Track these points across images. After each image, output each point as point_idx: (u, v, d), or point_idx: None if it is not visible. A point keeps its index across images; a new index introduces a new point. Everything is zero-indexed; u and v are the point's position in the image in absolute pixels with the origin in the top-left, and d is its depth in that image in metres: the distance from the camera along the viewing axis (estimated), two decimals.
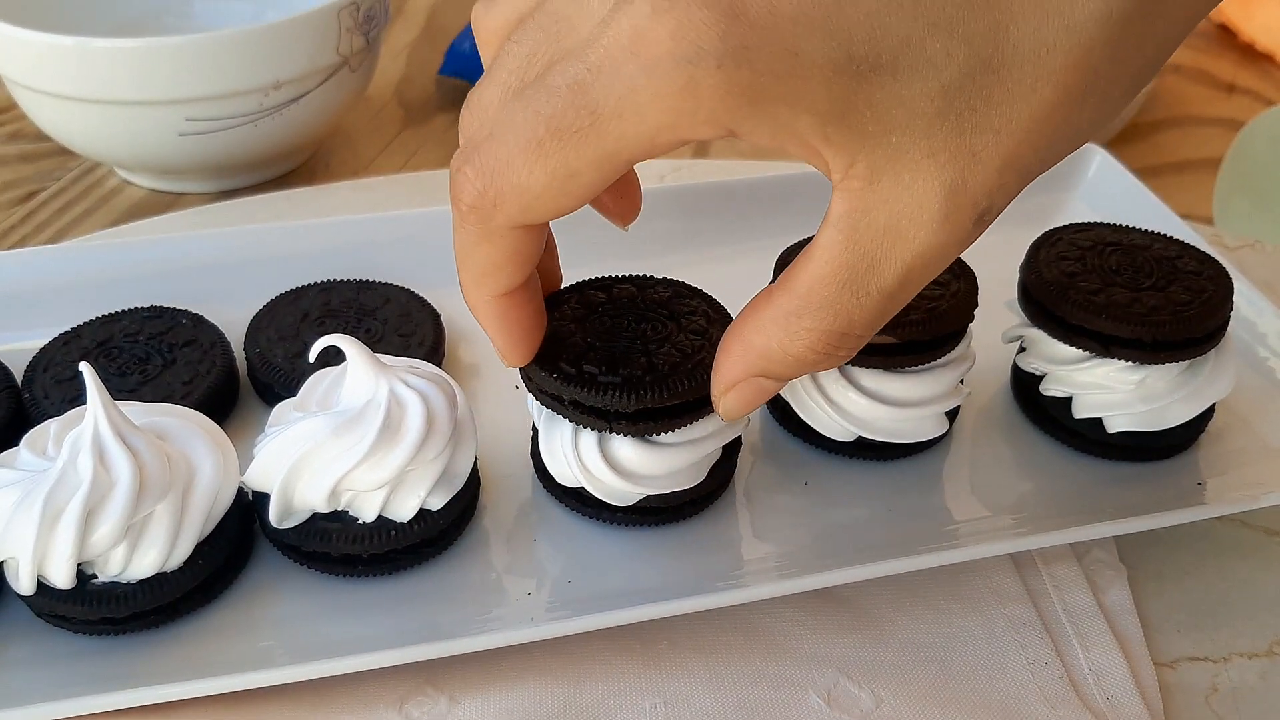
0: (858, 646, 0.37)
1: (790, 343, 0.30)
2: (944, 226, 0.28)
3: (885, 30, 0.27)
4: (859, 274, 0.29)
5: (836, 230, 0.29)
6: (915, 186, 0.28)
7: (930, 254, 0.28)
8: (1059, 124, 0.28)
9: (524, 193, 0.29)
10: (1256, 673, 0.37)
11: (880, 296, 0.29)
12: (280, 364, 0.43)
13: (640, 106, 0.27)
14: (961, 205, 0.28)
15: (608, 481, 0.38)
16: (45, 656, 0.35)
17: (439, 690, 0.36)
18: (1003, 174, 0.28)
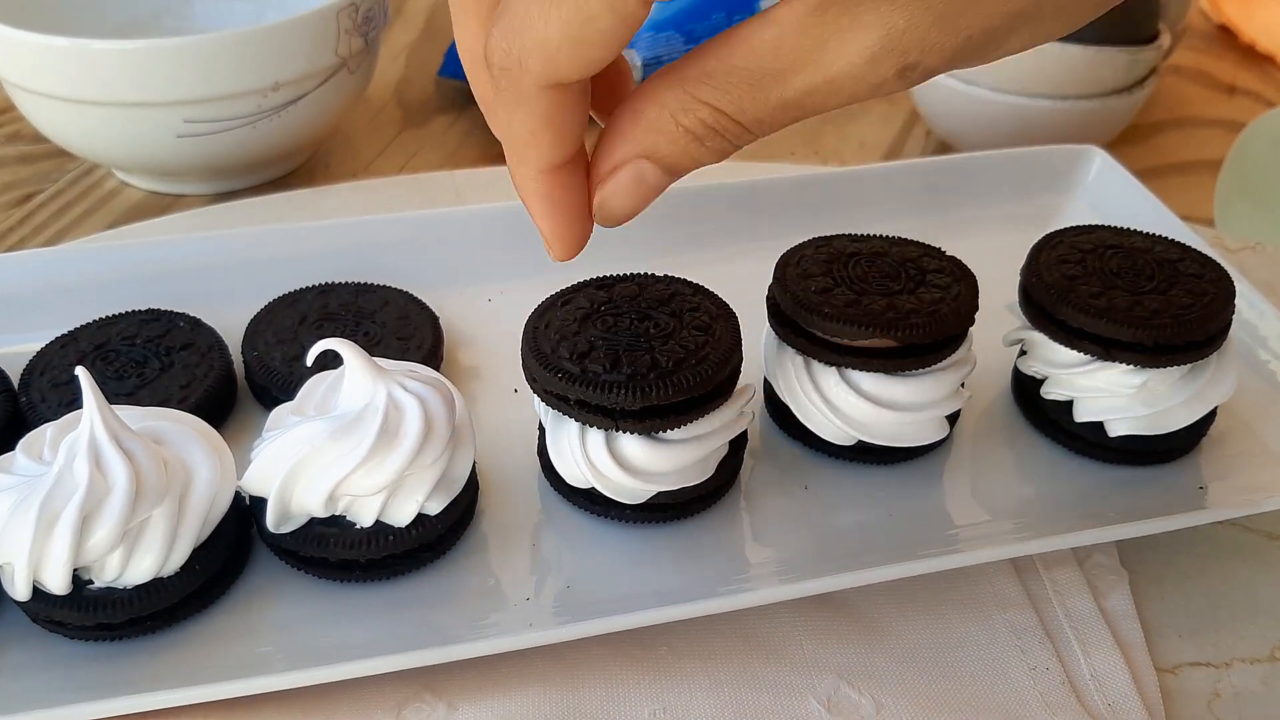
0: (858, 652, 0.37)
1: (682, 112, 0.30)
2: (867, 65, 0.28)
3: None
4: (770, 76, 0.29)
5: (766, 30, 0.29)
6: (858, 19, 0.28)
7: (841, 85, 0.28)
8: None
9: (544, 45, 0.28)
10: (1258, 678, 0.37)
11: (778, 103, 0.29)
12: (278, 367, 0.43)
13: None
14: (892, 49, 0.28)
15: (617, 480, 0.37)
16: (41, 662, 0.35)
17: (437, 696, 0.36)
18: (940, 31, 0.27)
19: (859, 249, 0.43)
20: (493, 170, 0.63)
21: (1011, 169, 0.57)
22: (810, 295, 0.40)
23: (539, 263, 0.51)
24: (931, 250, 0.43)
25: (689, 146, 0.31)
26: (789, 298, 0.41)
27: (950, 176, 0.56)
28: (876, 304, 0.40)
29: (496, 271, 0.51)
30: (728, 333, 0.38)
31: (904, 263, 0.42)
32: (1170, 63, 0.81)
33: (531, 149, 0.32)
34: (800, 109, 0.29)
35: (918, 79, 0.28)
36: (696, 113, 0.30)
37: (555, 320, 0.38)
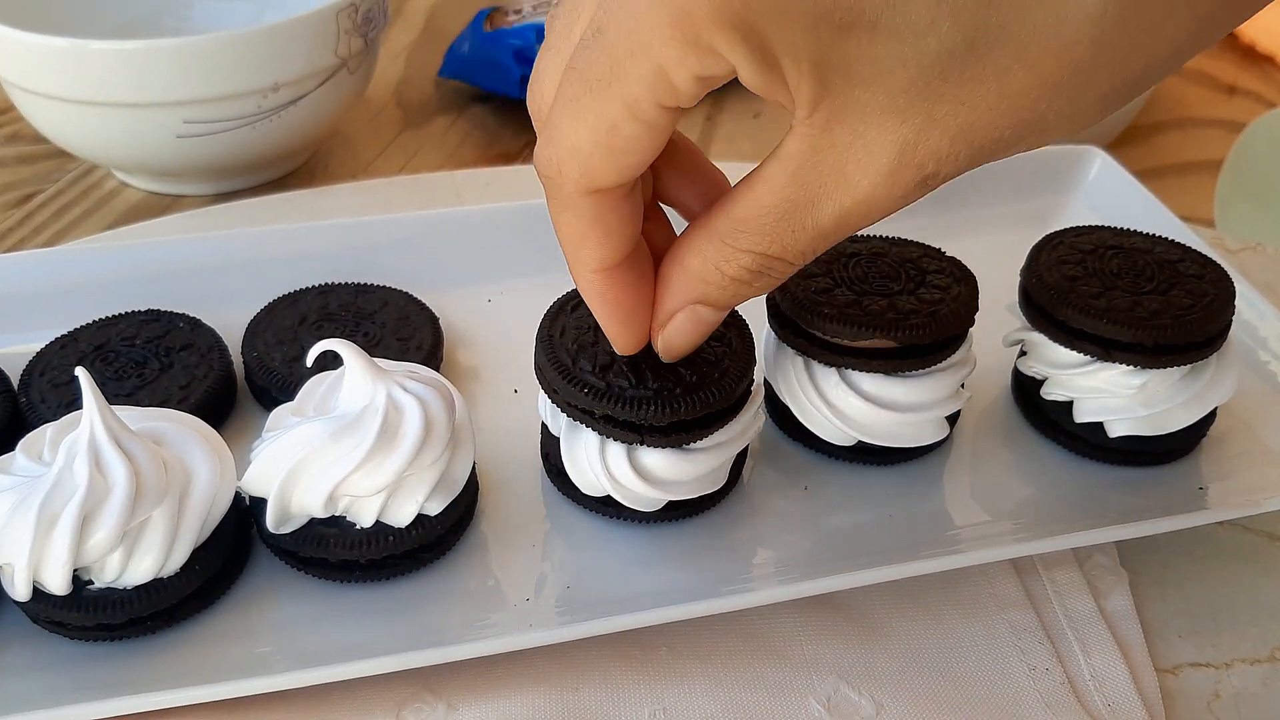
0: (858, 652, 0.37)
1: (725, 263, 0.32)
2: (888, 180, 0.29)
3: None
4: (799, 207, 0.30)
5: (784, 165, 0.30)
6: (869, 137, 0.28)
7: (869, 203, 0.30)
8: (1025, 109, 0.28)
9: (577, 153, 0.30)
10: (1259, 679, 0.37)
11: (815, 231, 0.30)
12: (278, 368, 0.43)
13: (647, 41, 0.28)
14: (909, 164, 0.29)
15: (637, 490, 0.38)
16: (41, 662, 0.35)
17: (437, 697, 0.36)
18: (955, 143, 0.28)
19: (859, 249, 0.43)
20: (492, 170, 0.63)
21: (1011, 169, 0.56)
22: (810, 296, 0.40)
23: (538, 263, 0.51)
24: (931, 251, 0.43)
25: (738, 290, 0.33)
26: (789, 298, 0.41)
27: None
28: (876, 304, 0.40)
29: (496, 272, 0.51)
30: (743, 342, 0.38)
31: (904, 263, 0.42)
32: None
33: (583, 250, 0.33)
34: (837, 232, 0.31)
35: (939, 184, 0.30)
36: (739, 261, 0.32)
37: (569, 327, 0.38)
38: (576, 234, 0.32)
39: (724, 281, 0.32)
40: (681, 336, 0.35)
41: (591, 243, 0.33)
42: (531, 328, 0.39)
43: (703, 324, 0.35)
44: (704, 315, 0.34)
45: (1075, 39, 0.27)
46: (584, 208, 0.32)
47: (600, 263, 0.33)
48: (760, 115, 0.76)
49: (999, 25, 0.27)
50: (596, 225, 0.32)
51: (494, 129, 0.72)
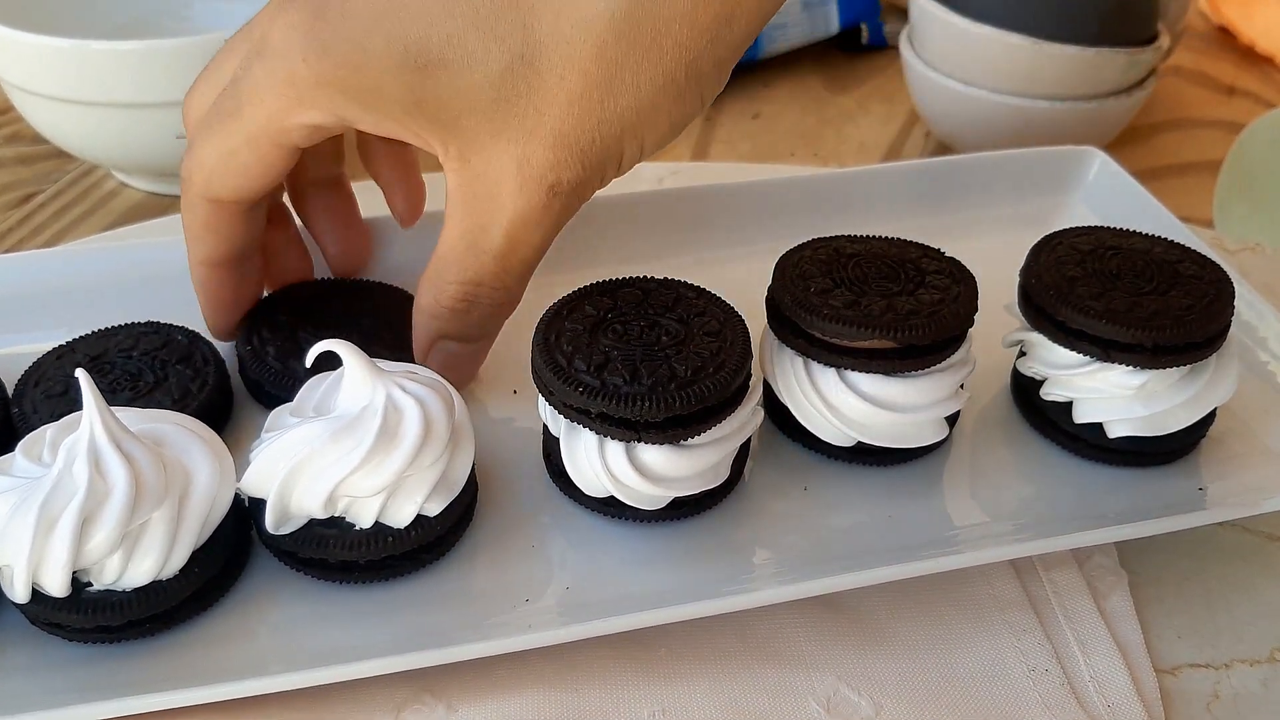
0: (857, 653, 0.37)
1: (440, 297, 0.37)
2: (521, 195, 0.34)
3: (433, 28, 0.32)
4: (476, 237, 0.35)
5: (453, 204, 0.35)
6: (494, 162, 0.34)
7: (522, 219, 0.35)
8: (594, 106, 0.33)
9: (203, 167, 0.37)
10: (1258, 679, 0.37)
11: (495, 256, 0.36)
12: (271, 362, 0.43)
13: (263, 94, 0.34)
14: (530, 177, 0.34)
15: (638, 488, 0.37)
16: (40, 664, 0.35)
17: (436, 698, 0.36)
18: (557, 150, 0.33)
19: (858, 250, 0.43)
20: None
21: (1011, 170, 0.57)
22: (809, 296, 0.40)
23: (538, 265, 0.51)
24: (931, 251, 0.43)
25: (463, 318, 0.38)
26: (788, 299, 0.41)
27: (949, 177, 0.56)
28: (876, 305, 0.40)
29: None
30: (738, 337, 0.39)
31: (903, 264, 0.42)
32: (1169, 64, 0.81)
33: (195, 244, 0.40)
34: (513, 252, 0.36)
35: (572, 194, 0.35)
36: (448, 293, 0.37)
37: (565, 330, 0.38)
38: (193, 230, 0.39)
39: (446, 314, 0.38)
40: (441, 369, 0.39)
41: (204, 241, 0.39)
42: (531, 328, 0.39)
43: (455, 357, 0.40)
44: (453, 348, 0.39)
45: (603, 39, 0.32)
46: (201, 210, 0.38)
47: (207, 257, 0.40)
48: (759, 116, 0.76)
49: (538, 40, 0.32)
50: (209, 228, 0.39)
51: None
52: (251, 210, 0.39)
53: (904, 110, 0.77)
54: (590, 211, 0.52)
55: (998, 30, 0.63)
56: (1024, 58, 0.63)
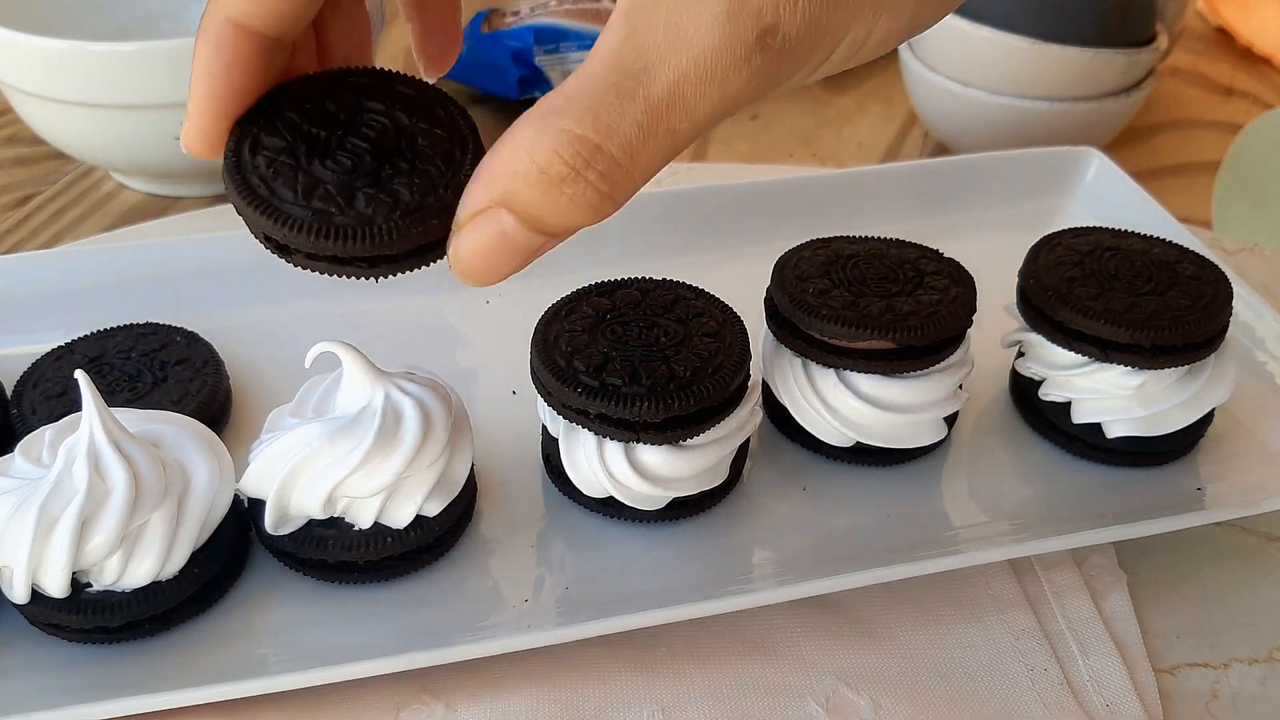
0: (856, 654, 0.37)
1: (536, 145, 0.26)
2: (723, 30, 0.25)
3: None
4: (631, 75, 0.26)
5: (616, 28, 0.26)
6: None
7: (708, 62, 0.25)
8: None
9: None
10: (1256, 679, 0.37)
11: (646, 107, 0.26)
12: (257, 182, 0.39)
13: None
14: (747, 6, 0.25)
15: (637, 489, 0.38)
16: (39, 665, 0.35)
17: (435, 698, 0.36)
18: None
19: (857, 251, 0.43)
20: None
21: (1009, 171, 0.57)
22: (808, 297, 0.40)
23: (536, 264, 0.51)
24: (929, 252, 0.43)
25: (549, 192, 0.26)
26: (787, 299, 0.41)
27: (948, 178, 0.56)
28: (874, 306, 0.40)
29: None
30: (737, 338, 0.39)
31: (902, 264, 0.42)
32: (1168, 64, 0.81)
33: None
34: (671, 107, 0.26)
35: (781, 56, 0.26)
36: (552, 142, 0.26)
37: (564, 331, 0.38)
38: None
39: (532, 172, 0.26)
40: (478, 249, 0.28)
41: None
42: (530, 329, 0.39)
43: (505, 239, 0.27)
44: (507, 226, 0.27)
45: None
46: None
47: (240, 10, 0.28)
48: (758, 117, 0.76)
49: None
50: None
51: (492, 130, 0.72)
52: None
53: (902, 111, 0.77)
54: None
55: (996, 31, 0.63)
56: (1022, 59, 0.63)
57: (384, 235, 0.27)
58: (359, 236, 0.27)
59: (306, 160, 0.28)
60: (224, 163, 0.29)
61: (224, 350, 0.45)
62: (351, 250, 0.28)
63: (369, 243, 0.27)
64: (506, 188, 0.27)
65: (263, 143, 0.29)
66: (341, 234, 0.27)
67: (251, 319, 0.47)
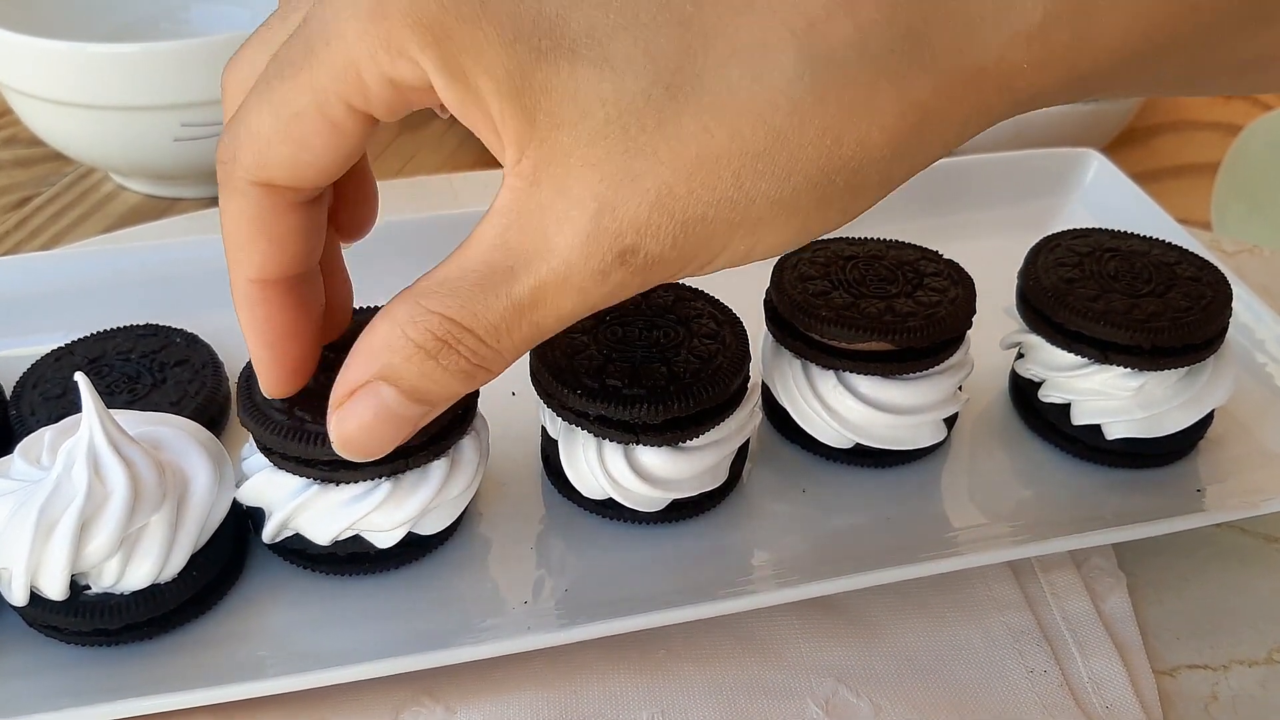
0: (856, 655, 0.37)
1: (411, 324, 0.28)
2: (584, 247, 0.26)
3: (577, 10, 0.25)
4: (499, 272, 0.27)
5: (493, 223, 0.27)
6: (571, 194, 0.26)
7: (567, 274, 0.27)
8: (728, 182, 0.26)
9: (256, 138, 0.28)
10: (1256, 680, 0.37)
11: (509, 305, 0.27)
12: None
13: (343, 32, 0.26)
14: (606, 229, 0.26)
15: (637, 491, 0.38)
16: (38, 667, 0.35)
17: (435, 700, 0.36)
18: (654, 211, 0.26)
19: (856, 252, 0.43)
20: (490, 173, 0.63)
21: (1009, 172, 0.57)
22: (807, 298, 0.40)
23: None
24: (929, 253, 0.43)
25: (424, 365, 0.28)
26: (786, 301, 0.41)
27: (947, 179, 0.56)
28: (874, 307, 0.40)
29: None
30: (736, 340, 0.39)
31: (901, 266, 0.42)
32: None
33: (243, 251, 0.30)
34: (534, 309, 0.27)
35: (644, 271, 0.27)
36: (424, 323, 0.28)
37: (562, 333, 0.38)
38: (238, 233, 0.30)
39: (408, 348, 0.28)
40: (357, 420, 0.29)
41: (253, 246, 0.30)
42: None
43: (385, 410, 0.29)
44: (387, 399, 0.29)
45: (773, 101, 0.25)
46: (250, 202, 0.29)
47: (259, 270, 0.30)
48: None
49: (696, 75, 0.25)
50: (260, 227, 0.30)
51: None
52: (310, 207, 0.31)
53: None
54: None
55: None
56: None
57: None
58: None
59: None
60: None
61: (224, 352, 0.45)
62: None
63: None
64: (385, 362, 0.28)
65: None
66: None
67: None
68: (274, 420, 0.34)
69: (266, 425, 0.34)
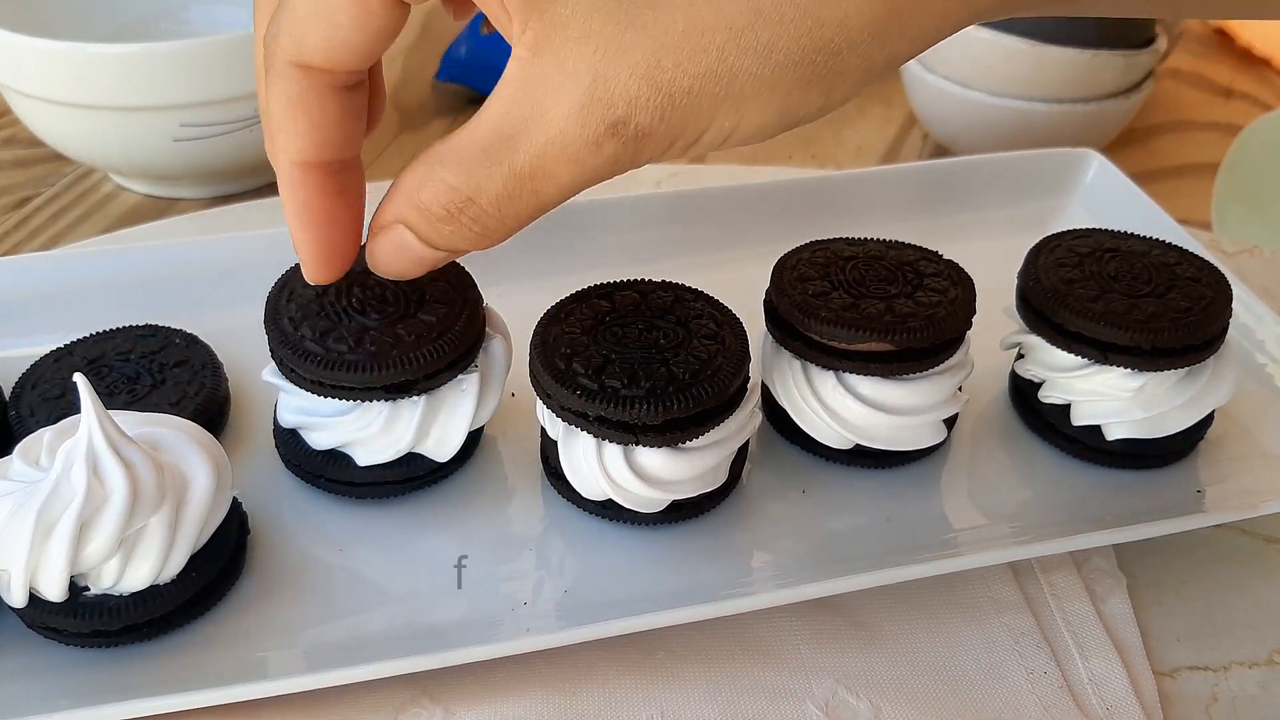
0: (856, 656, 0.37)
1: (422, 187, 0.30)
2: (578, 117, 0.28)
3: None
4: (502, 140, 0.29)
5: (497, 95, 0.29)
6: (567, 66, 0.27)
7: (563, 144, 0.28)
8: (712, 55, 0.27)
9: (294, 21, 0.30)
10: (1256, 682, 0.37)
11: (510, 174, 0.29)
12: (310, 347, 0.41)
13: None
14: (598, 100, 0.27)
15: (636, 491, 0.37)
16: (37, 668, 0.35)
17: (434, 701, 0.35)
18: (642, 84, 0.27)
19: (856, 253, 0.43)
20: None
21: (1008, 172, 0.57)
22: (807, 299, 0.40)
23: (536, 266, 0.51)
24: (929, 254, 0.43)
25: (436, 225, 0.31)
26: (786, 301, 0.41)
27: (947, 180, 0.56)
28: (874, 308, 0.40)
29: (493, 275, 0.51)
30: (736, 340, 0.39)
31: (901, 266, 0.42)
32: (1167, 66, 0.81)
33: (285, 133, 0.32)
34: (534, 177, 0.29)
35: (635, 142, 0.28)
36: (432, 191, 0.30)
37: (562, 333, 0.38)
38: (280, 115, 0.31)
39: (419, 206, 0.30)
40: (384, 255, 0.32)
41: (296, 126, 0.32)
42: (528, 331, 0.39)
43: (407, 250, 0.32)
44: (408, 241, 0.32)
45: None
46: (290, 81, 0.31)
47: (300, 153, 0.32)
48: None
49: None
50: (301, 107, 0.31)
51: None
52: (350, 93, 0.32)
53: (902, 112, 0.77)
54: (588, 213, 0.52)
55: (996, 32, 0.63)
56: (1022, 60, 0.63)
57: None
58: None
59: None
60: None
61: (223, 352, 0.45)
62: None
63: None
64: (401, 213, 0.31)
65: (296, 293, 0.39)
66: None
67: (251, 321, 0.47)
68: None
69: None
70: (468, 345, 0.39)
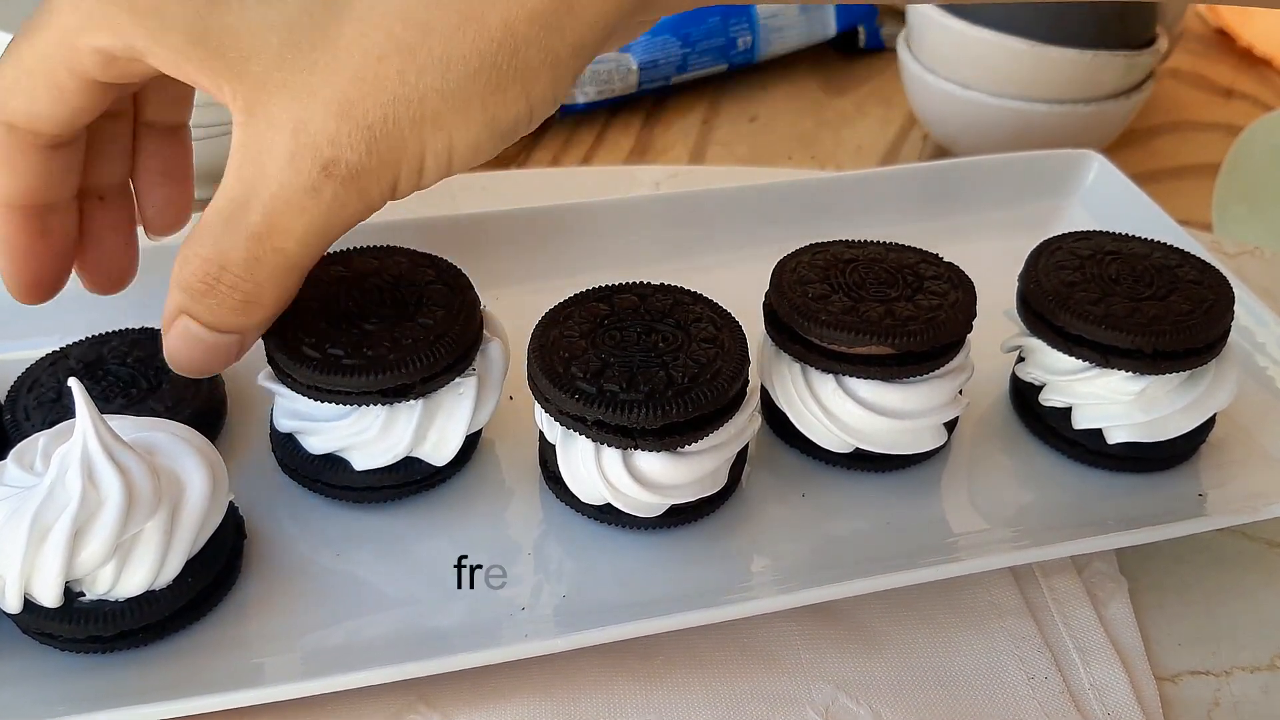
0: (855, 662, 0.37)
1: (182, 267, 0.31)
2: (291, 168, 0.29)
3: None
4: (237, 208, 0.30)
5: (230, 163, 0.30)
6: (274, 119, 0.28)
7: (285, 196, 0.29)
8: (394, 80, 0.28)
9: (1, 84, 0.32)
10: (1259, 686, 0.37)
11: (249, 236, 0.30)
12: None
13: (59, 8, 0.30)
14: (305, 146, 0.28)
15: (635, 496, 0.37)
16: (32, 674, 0.35)
17: (431, 707, 0.35)
18: (341, 122, 0.28)
19: (856, 255, 0.43)
20: (488, 175, 0.63)
21: (1009, 174, 0.57)
22: (807, 302, 0.40)
23: (535, 268, 0.51)
24: (929, 256, 0.43)
25: (203, 301, 0.32)
26: (786, 304, 0.41)
27: (947, 181, 0.56)
28: (874, 311, 0.40)
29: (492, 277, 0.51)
30: (735, 343, 0.38)
31: (901, 269, 0.42)
32: (1167, 66, 0.81)
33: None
34: (274, 239, 0.30)
35: (352, 182, 0.29)
36: (189, 267, 0.31)
37: (561, 337, 0.38)
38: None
39: (185, 286, 0.32)
40: (176, 349, 0.33)
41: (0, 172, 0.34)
42: (526, 334, 0.39)
43: (194, 339, 0.33)
44: (192, 330, 0.33)
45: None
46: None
47: (4, 197, 0.34)
48: (756, 119, 0.76)
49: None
50: (5, 158, 0.33)
51: None
52: (55, 151, 0.34)
53: (901, 113, 0.76)
54: (587, 216, 0.52)
55: (996, 33, 0.63)
56: (1022, 61, 0.63)
57: None
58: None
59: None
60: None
61: None
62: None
63: None
64: (176, 300, 0.32)
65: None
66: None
67: None
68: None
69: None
70: (465, 348, 0.38)
